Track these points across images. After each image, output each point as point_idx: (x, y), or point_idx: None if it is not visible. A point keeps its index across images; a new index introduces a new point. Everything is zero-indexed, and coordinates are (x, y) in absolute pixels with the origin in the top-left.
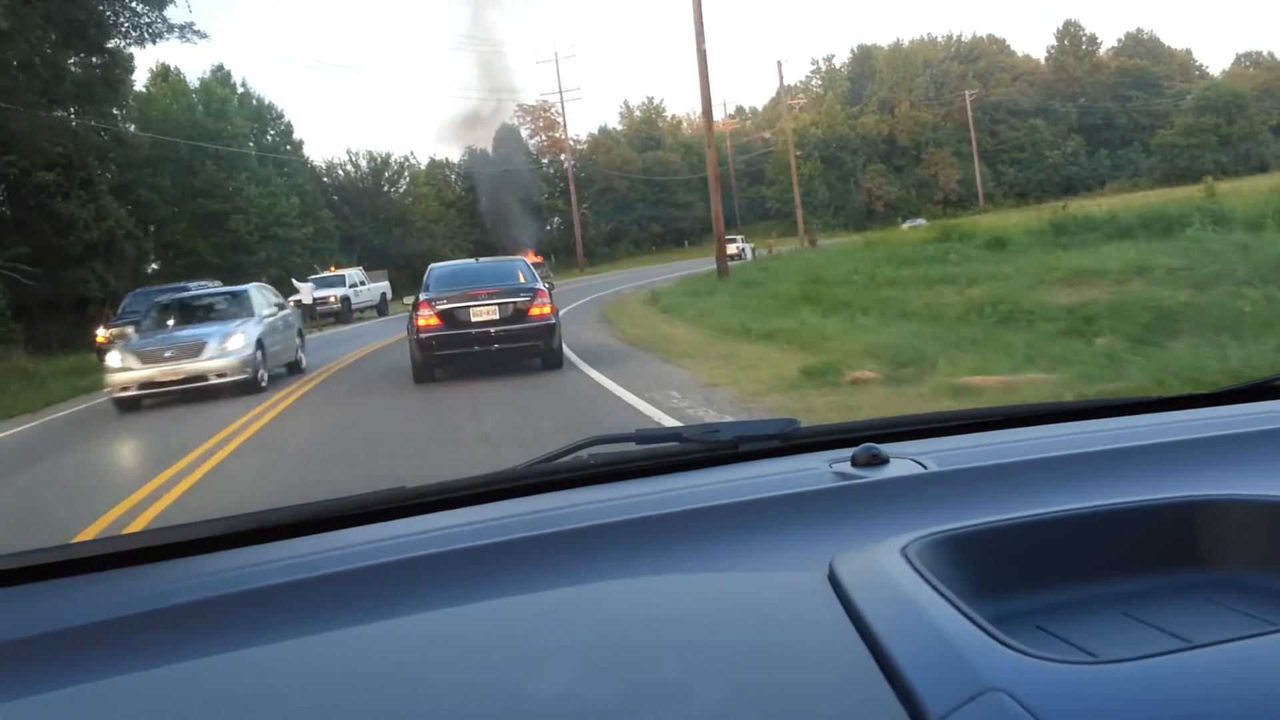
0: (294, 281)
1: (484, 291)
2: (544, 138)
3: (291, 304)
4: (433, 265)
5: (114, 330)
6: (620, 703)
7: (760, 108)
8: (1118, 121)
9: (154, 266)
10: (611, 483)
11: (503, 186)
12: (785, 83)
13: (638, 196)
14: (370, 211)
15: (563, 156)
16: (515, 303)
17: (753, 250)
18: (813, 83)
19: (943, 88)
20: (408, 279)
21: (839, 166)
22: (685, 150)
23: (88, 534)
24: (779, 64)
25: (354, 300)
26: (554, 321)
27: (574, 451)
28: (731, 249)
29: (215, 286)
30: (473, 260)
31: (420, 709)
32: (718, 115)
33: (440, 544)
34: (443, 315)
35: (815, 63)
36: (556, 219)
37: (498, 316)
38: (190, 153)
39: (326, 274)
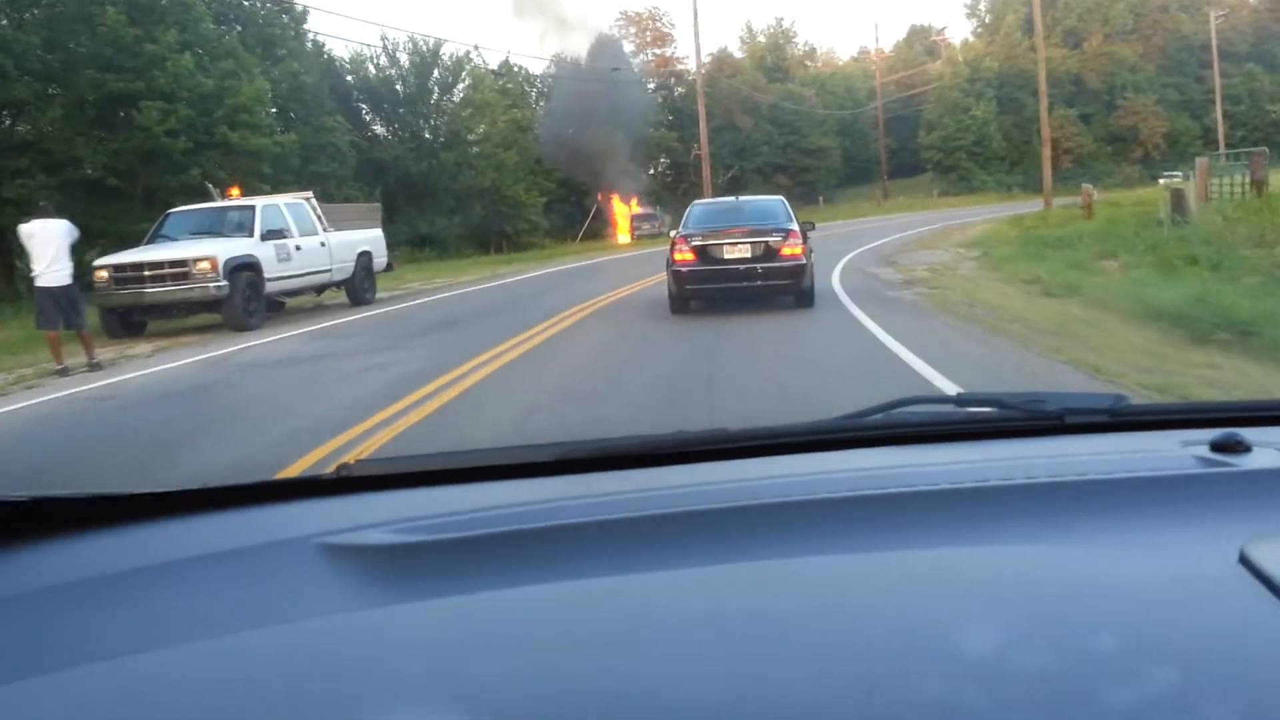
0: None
1: (738, 230)
2: (650, 55)
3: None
4: (694, 202)
5: None
6: (1070, 674)
7: (888, 49)
8: None
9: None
10: (929, 444)
11: (598, 109)
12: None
13: (762, 138)
14: (409, 125)
15: (680, 70)
16: (768, 241)
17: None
18: (979, 6)
19: (1141, 19)
20: (457, 234)
21: (1018, 110)
22: (818, 86)
23: None
24: None
25: (272, 274)
26: (805, 262)
27: (890, 409)
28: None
29: None
30: (732, 199)
31: (810, 656)
32: (850, 50)
33: (769, 494)
34: (698, 251)
35: None
36: (663, 159)
37: (750, 255)
38: None
39: (211, 205)
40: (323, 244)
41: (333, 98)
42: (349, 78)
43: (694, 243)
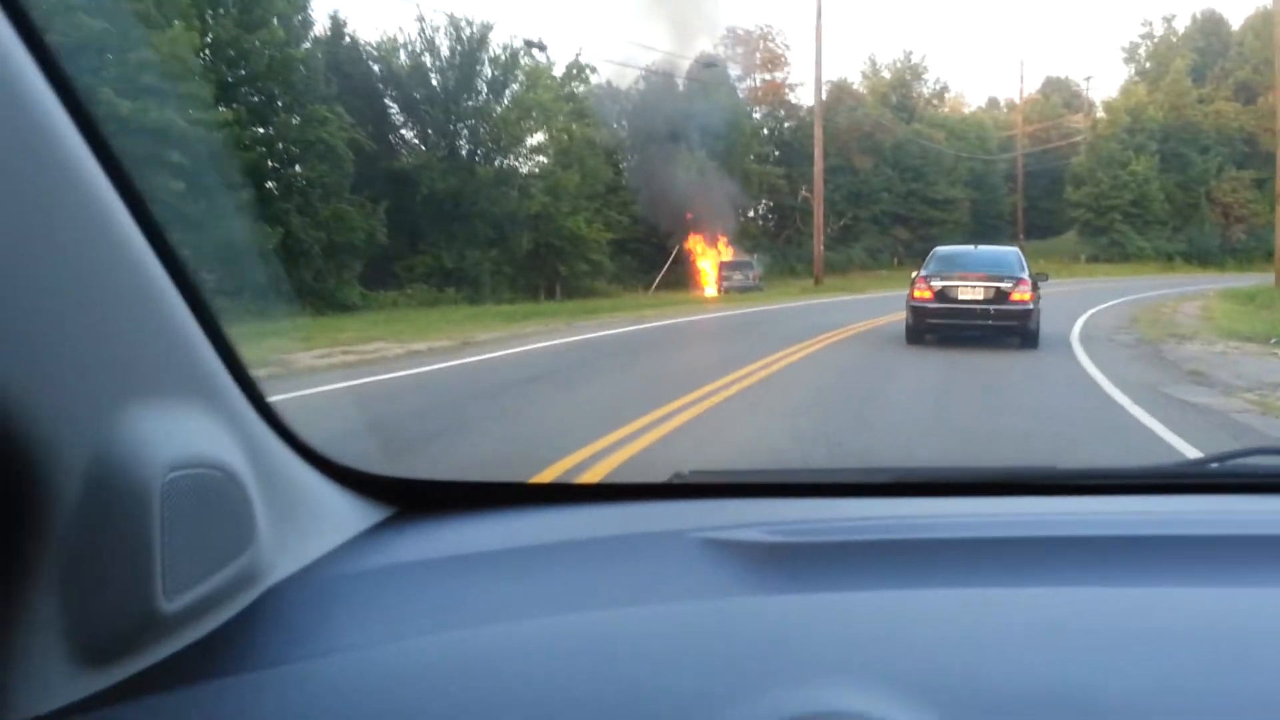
0: None
1: (974, 274)
2: (758, 80)
3: None
4: (937, 248)
5: None
6: None
7: (1014, 99)
8: None
9: None
10: (1274, 494)
11: (692, 133)
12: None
13: (882, 183)
14: (442, 127)
15: (791, 102)
16: (999, 286)
17: None
18: (1139, 51)
19: None
20: (496, 272)
21: (1184, 169)
22: (948, 130)
23: None
24: None
25: None
26: (1032, 308)
27: (1238, 457)
28: None
29: None
30: (971, 246)
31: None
32: (978, 98)
33: (1121, 526)
34: (936, 291)
35: (1147, 24)
36: (766, 201)
37: (982, 297)
38: None
39: None
40: None
41: (338, 83)
42: (375, 66)
43: (933, 283)
